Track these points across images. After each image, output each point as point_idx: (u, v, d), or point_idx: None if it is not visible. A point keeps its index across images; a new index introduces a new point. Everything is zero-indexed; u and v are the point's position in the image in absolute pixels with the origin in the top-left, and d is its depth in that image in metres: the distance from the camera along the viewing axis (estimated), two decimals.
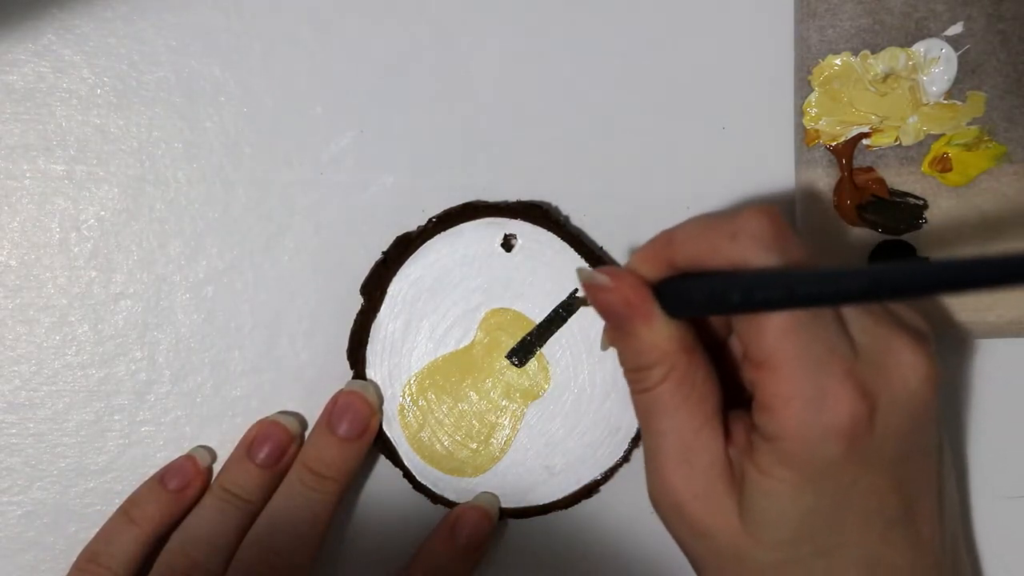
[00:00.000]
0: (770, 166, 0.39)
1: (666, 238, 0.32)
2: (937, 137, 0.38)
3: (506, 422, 0.38)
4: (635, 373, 0.32)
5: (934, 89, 0.37)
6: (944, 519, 0.33)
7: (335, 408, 0.37)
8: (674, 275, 0.32)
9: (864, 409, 0.29)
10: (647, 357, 0.32)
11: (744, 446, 0.31)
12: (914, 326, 0.31)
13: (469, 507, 0.38)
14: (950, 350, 0.39)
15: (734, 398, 0.33)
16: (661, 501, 0.33)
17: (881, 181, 0.38)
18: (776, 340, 0.29)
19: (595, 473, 0.38)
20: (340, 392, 0.38)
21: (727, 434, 0.32)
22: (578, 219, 0.39)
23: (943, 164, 0.37)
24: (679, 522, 0.32)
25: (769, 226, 0.30)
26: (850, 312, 0.30)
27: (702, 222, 0.31)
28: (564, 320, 0.38)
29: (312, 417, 0.39)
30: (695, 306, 0.31)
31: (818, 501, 0.30)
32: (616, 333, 0.32)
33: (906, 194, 0.38)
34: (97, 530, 0.38)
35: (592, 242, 0.39)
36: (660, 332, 0.31)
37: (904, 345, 0.30)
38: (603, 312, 0.32)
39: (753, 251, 0.29)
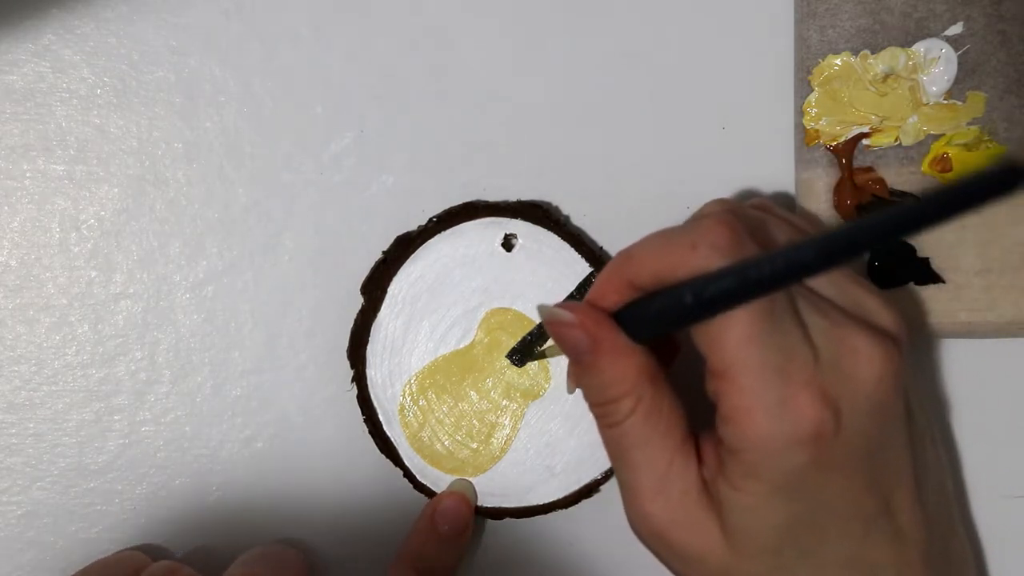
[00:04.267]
0: (770, 166, 0.39)
1: (624, 257, 0.32)
2: (937, 137, 0.38)
3: (506, 422, 0.38)
4: (602, 408, 0.32)
5: (934, 89, 0.37)
6: (926, 504, 0.32)
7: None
8: (635, 298, 0.31)
9: (827, 415, 0.29)
10: (614, 390, 0.31)
11: (715, 464, 0.31)
12: (878, 323, 0.31)
13: (446, 495, 0.38)
14: (950, 350, 0.39)
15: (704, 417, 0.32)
16: (643, 531, 0.32)
17: (881, 181, 0.38)
18: (735, 350, 0.29)
19: (595, 473, 0.38)
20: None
21: (699, 455, 0.32)
22: (578, 219, 0.39)
23: (943, 164, 0.37)
24: (664, 550, 0.32)
25: (728, 234, 0.30)
26: (810, 317, 0.30)
27: (660, 237, 0.31)
28: None
29: (312, 416, 0.39)
30: (653, 322, 0.31)
31: (792, 508, 0.30)
32: (581, 369, 0.32)
33: (906, 194, 0.38)
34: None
35: (592, 242, 0.39)
36: (625, 364, 0.31)
37: (862, 344, 0.30)
38: (567, 348, 0.32)
39: (714, 260, 0.29)
